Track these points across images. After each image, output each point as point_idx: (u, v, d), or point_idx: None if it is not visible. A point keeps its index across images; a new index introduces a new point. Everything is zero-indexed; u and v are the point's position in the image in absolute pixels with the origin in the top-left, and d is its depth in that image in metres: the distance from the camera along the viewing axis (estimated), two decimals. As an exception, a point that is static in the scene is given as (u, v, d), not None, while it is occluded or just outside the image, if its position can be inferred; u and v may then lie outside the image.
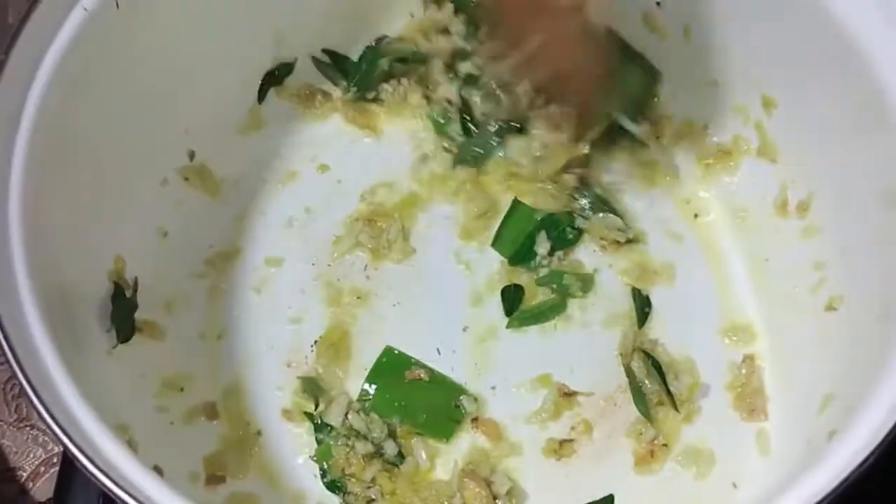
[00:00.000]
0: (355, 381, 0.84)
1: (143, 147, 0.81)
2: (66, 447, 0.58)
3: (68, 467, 0.83)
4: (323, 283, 0.88)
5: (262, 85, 0.93)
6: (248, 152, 0.93)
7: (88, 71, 0.71)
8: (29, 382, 0.59)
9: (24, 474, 0.86)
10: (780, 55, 0.80)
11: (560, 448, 0.81)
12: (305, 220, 0.91)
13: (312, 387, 0.83)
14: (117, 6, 0.70)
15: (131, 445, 0.66)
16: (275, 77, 0.93)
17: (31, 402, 0.59)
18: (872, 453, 0.58)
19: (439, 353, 0.85)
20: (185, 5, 0.78)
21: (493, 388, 0.84)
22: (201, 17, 0.80)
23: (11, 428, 0.88)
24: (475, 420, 0.82)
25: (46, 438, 0.87)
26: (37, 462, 0.87)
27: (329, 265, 0.89)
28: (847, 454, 0.59)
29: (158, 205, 0.86)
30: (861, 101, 0.72)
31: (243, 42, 0.88)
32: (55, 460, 0.87)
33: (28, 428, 0.88)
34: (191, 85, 0.84)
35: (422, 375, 0.83)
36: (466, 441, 0.82)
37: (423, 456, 0.81)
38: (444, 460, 0.81)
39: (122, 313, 0.78)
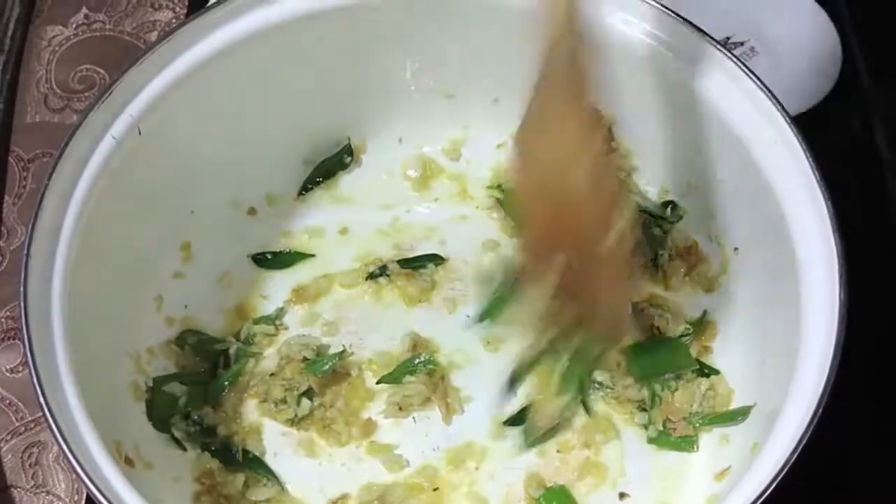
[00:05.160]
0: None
1: (159, 249, 0.94)
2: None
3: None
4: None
5: None
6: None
7: (116, 187, 0.82)
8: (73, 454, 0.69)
9: (40, 536, 0.93)
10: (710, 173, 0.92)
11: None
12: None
13: None
14: (139, 133, 0.82)
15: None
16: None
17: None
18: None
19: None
20: (196, 132, 0.90)
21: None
22: (211, 141, 0.92)
23: (28, 493, 0.94)
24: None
25: (61, 504, 0.94)
26: (52, 525, 0.93)
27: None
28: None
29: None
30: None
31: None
32: (68, 523, 0.93)
33: (44, 494, 0.94)
34: (202, 203, 0.96)
35: None
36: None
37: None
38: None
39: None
